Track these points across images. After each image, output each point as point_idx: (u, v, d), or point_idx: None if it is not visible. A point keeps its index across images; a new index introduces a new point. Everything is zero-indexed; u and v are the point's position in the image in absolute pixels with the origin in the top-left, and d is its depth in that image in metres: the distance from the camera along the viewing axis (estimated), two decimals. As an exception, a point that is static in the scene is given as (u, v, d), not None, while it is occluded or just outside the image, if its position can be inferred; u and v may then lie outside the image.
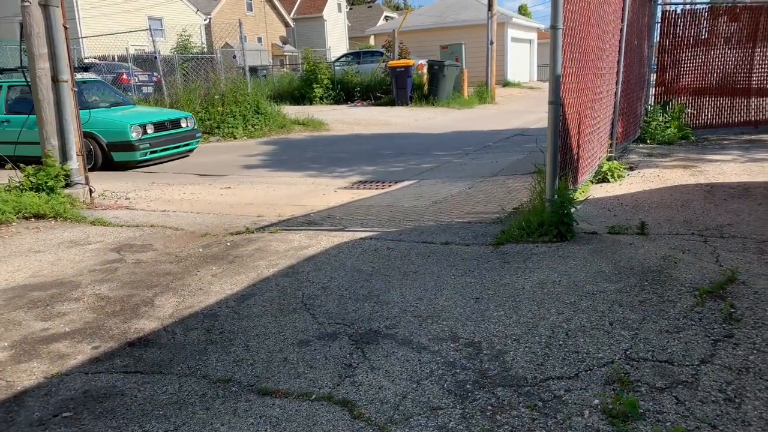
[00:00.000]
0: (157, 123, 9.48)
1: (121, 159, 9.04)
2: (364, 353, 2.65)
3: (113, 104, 10.51)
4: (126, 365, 2.69)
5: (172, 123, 9.80)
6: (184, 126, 10.04)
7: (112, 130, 9.06)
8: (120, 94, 11.29)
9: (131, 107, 10.74)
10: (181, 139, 9.87)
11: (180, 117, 10.13)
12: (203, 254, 4.37)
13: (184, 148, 10.07)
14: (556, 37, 4.00)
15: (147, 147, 9.09)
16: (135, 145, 8.94)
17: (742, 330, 2.60)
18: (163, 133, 9.48)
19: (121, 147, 8.97)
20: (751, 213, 4.57)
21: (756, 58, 9.63)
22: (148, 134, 9.20)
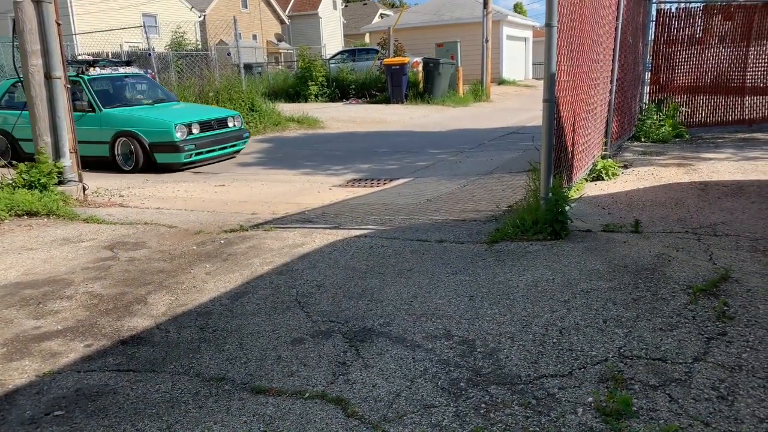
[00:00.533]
0: (203, 122, 8.76)
1: (164, 161, 8.40)
2: (358, 351, 2.64)
3: (157, 101, 9.85)
4: (119, 363, 2.68)
5: (218, 122, 9.06)
6: (231, 125, 9.28)
7: (154, 129, 8.41)
8: (164, 90, 10.62)
9: (175, 104, 10.06)
10: (228, 140, 9.10)
11: (227, 116, 9.37)
12: (197, 252, 4.35)
13: (230, 149, 9.29)
14: (551, 35, 4.00)
15: (192, 148, 8.41)
16: (179, 147, 8.24)
17: (735, 328, 2.61)
18: (209, 134, 8.77)
19: (164, 148, 8.32)
20: (744, 211, 4.58)
21: (750, 57, 9.66)
22: (193, 134, 8.50)
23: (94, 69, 9.25)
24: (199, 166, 8.76)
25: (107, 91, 9.31)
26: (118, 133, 8.51)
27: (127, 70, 10.02)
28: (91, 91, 8.83)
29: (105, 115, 8.71)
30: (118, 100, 9.26)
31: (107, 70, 9.51)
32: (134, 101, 9.61)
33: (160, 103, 9.85)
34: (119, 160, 8.65)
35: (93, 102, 8.75)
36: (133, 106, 9.24)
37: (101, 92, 9.08)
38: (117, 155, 8.63)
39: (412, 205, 5.70)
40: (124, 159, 8.64)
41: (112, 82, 9.63)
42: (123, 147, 8.60)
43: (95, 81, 9.07)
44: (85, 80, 8.91)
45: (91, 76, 9.07)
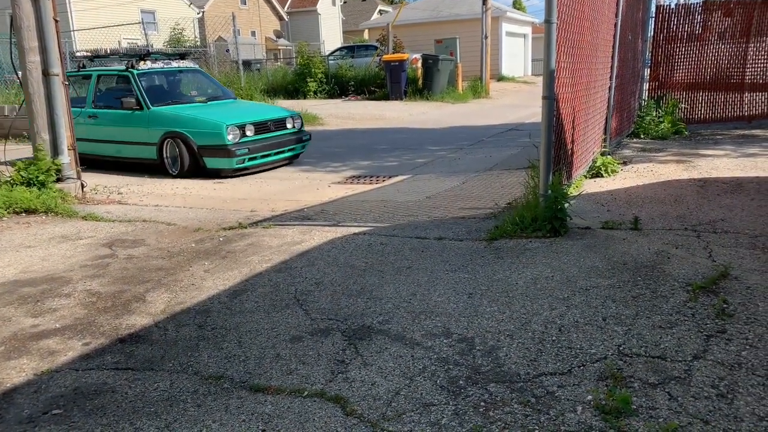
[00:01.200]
0: (259, 123, 7.83)
1: (214, 166, 7.55)
2: (357, 349, 2.64)
3: (210, 98, 8.90)
4: (117, 362, 2.67)
5: (275, 123, 8.09)
6: (289, 127, 8.27)
7: (204, 130, 7.52)
8: (220, 86, 9.60)
9: (230, 102, 9.09)
10: (285, 144, 8.09)
11: (285, 116, 8.34)
12: (196, 249, 4.34)
13: (288, 154, 8.25)
14: (550, 31, 3.98)
15: (245, 153, 7.50)
16: (231, 150, 7.37)
17: (734, 325, 2.61)
18: (264, 136, 7.83)
19: (214, 151, 7.47)
20: (743, 208, 4.58)
21: (749, 53, 9.65)
22: (247, 137, 7.59)
23: (145, 63, 8.45)
24: (253, 172, 7.82)
25: (158, 87, 8.59)
26: (166, 133, 7.71)
27: (181, 64, 9.11)
28: (139, 86, 8.07)
29: (153, 113, 7.93)
30: (169, 98, 8.48)
31: (159, 64, 8.69)
32: (186, 99, 8.74)
33: (215, 101, 8.92)
34: (167, 164, 7.84)
35: (141, 99, 7.99)
36: (184, 104, 8.37)
37: (151, 88, 8.34)
38: (165, 158, 7.83)
39: (411, 202, 5.70)
40: (173, 162, 7.81)
41: (163, 77, 8.85)
42: (171, 149, 7.79)
43: (145, 76, 8.33)
44: (133, 75, 8.16)
45: (141, 70, 8.30)
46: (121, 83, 8.45)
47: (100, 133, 8.42)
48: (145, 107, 7.95)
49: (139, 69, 8.26)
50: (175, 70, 8.97)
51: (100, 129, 8.40)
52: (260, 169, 7.89)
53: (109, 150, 8.42)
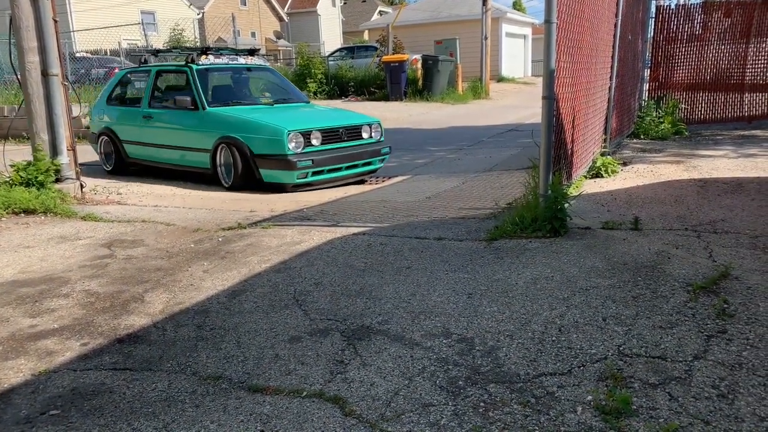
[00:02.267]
0: (327, 131, 6.65)
1: (272, 179, 6.46)
2: (356, 349, 2.63)
3: (279, 100, 7.87)
4: (115, 362, 2.66)
5: (349, 132, 6.90)
6: (366, 137, 7.05)
7: (261, 136, 6.45)
8: (292, 88, 8.59)
9: (301, 106, 7.96)
10: (359, 156, 6.86)
11: (361, 123, 7.11)
12: (195, 250, 4.33)
13: (362, 169, 7.00)
14: (550, 31, 3.98)
15: (308, 165, 6.34)
16: (291, 162, 6.22)
17: (735, 326, 2.60)
18: (334, 146, 6.67)
19: (272, 162, 6.37)
20: (744, 208, 4.57)
21: (749, 54, 9.65)
22: (312, 146, 6.44)
23: (206, 57, 7.53)
24: (316, 188, 6.65)
25: (218, 85, 7.70)
26: (221, 138, 6.71)
27: (248, 60, 8.10)
28: (196, 83, 7.14)
29: (208, 114, 6.98)
30: (230, 98, 7.53)
31: (223, 60, 7.77)
32: (250, 100, 7.76)
33: (283, 103, 7.88)
34: (221, 173, 6.86)
35: (197, 97, 7.06)
36: (245, 106, 7.35)
37: (210, 86, 7.44)
38: (219, 166, 6.84)
39: (410, 202, 5.69)
40: (227, 172, 6.81)
41: (226, 74, 7.96)
42: (225, 157, 6.78)
43: (205, 73, 7.40)
44: (192, 71, 7.27)
45: (201, 66, 7.38)
46: (180, 80, 7.70)
47: (154, 136, 7.59)
48: (200, 107, 7.04)
49: (198, 64, 7.39)
50: (240, 67, 8.01)
51: (154, 131, 7.58)
52: (328, 185, 6.72)
53: (162, 155, 7.57)
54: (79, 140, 12.81)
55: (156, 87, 7.83)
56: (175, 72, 7.78)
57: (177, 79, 7.87)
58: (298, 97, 8.27)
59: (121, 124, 8.05)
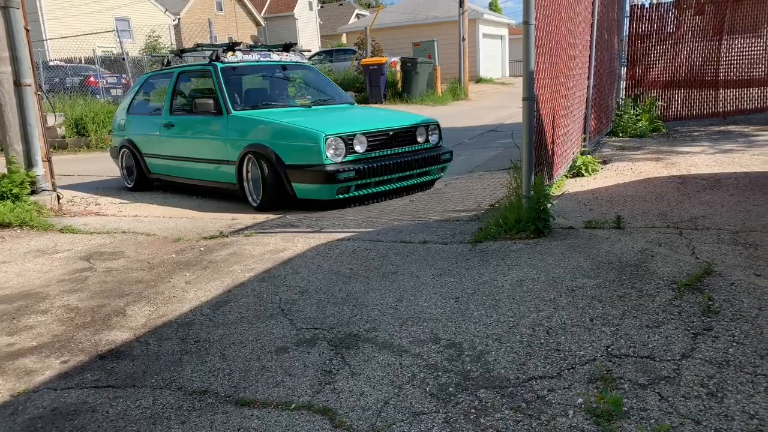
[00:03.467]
0: (374, 134, 5.60)
1: (307, 194, 5.46)
2: (344, 358, 2.59)
3: (317, 102, 6.86)
4: (97, 379, 2.60)
5: (400, 135, 5.82)
6: (420, 140, 6.01)
7: (292, 142, 5.42)
8: (334, 87, 7.38)
9: (344, 108, 6.83)
10: (414, 164, 5.83)
11: (415, 124, 6.03)
12: (176, 260, 4.26)
13: (418, 180, 6.03)
14: (529, 32, 3.99)
15: (352, 177, 5.30)
16: (330, 173, 5.21)
17: (720, 322, 2.61)
18: (383, 153, 5.65)
19: (306, 174, 5.33)
20: (723, 204, 4.62)
21: (723, 50, 9.80)
22: (356, 153, 5.44)
23: (233, 54, 6.57)
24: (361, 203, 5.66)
25: (246, 86, 6.76)
26: (248, 147, 5.69)
27: (283, 57, 7.06)
28: (221, 84, 6.17)
29: (233, 120, 5.98)
30: (260, 99, 6.56)
31: (252, 56, 6.77)
32: (283, 101, 6.73)
33: (322, 104, 6.81)
34: (247, 190, 5.87)
35: (221, 100, 6.09)
36: (276, 108, 6.33)
37: (237, 86, 6.48)
38: (246, 181, 5.85)
39: (394, 205, 5.66)
40: (255, 188, 5.82)
41: (257, 73, 7.03)
42: (254, 169, 5.77)
43: (232, 71, 6.45)
44: (216, 70, 6.30)
45: (227, 63, 6.44)
46: (205, 82, 6.79)
47: (176, 148, 6.68)
48: (224, 111, 6.05)
49: (224, 62, 6.44)
50: (273, 64, 6.96)
51: (176, 142, 6.69)
52: (375, 200, 5.77)
53: (184, 170, 6.66)
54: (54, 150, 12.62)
55: (178, 91, 6.92)
56: (198, 72, 6.83)
57: (201, 80, 6.96)
58: (341, 97, 7.14)
59: (141, 135, 7.23)
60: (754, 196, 4.80)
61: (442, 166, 6.19)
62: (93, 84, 16.95)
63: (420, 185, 6.11)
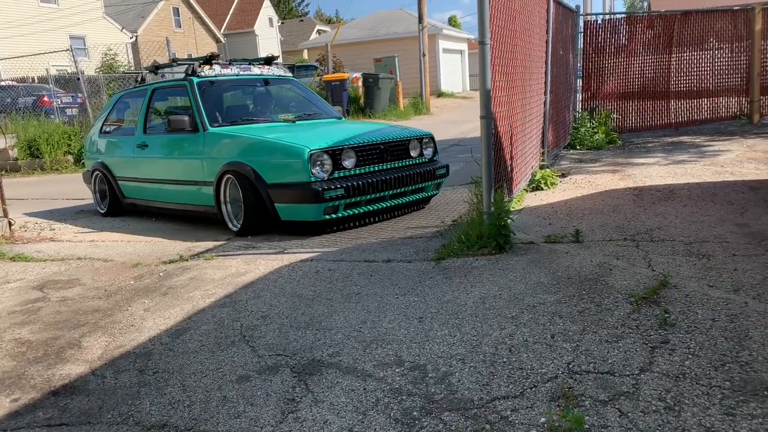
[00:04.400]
0: (364, 148, 5.23)
1: (291, 216, 5.09)
2: (308, 385, 2.56)
3: (302, 116, 6.43)
4: (50, 417, 2.50)
5: (392, 149, 5.48)
6: (415, 155, 5.69)
7: (275, 160, 5.07)
8: (320, 102, 7.09)
9: (330, 123, 6.44)
10: (408, 180, 5.47)
11: (409, 137, 5.71)
12: (135, 287, 4.16)
13: (412, 198, 5.68)
14: (485, 52, 4.05)
15: (340, 195, 4.93)
16: (316, 192, 4.82)
17: (676, 335, 2.67)
18: (373, 168, 5.29)
19: (290, 193, 4.97)
20: (677, 215, 4.75)
21: (673, 63, 10.15)
22: (344, 170, 5.09)
23: (211, 68, 6.22)
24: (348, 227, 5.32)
25: (226, 102, 6.39)
26: (226, 166, 5.33)
27: (264, 70, 6.73)
28: (197, 99, 5.82)
29: (209, 137, 5.61)
30: (240, 115, 6.21)
31: (232, 70, 6.43)
32: (265, 117, 6.34)
33: (307, 119, 6.40)
34: (226, 213, 5.51)
35: (197, 116, 5.73)
36: (257, 124, 5.99)
37: (214, 102, 6.07)
38: (224, 204, 5.50)
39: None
40: (234, 211, 5.50)
41: (236, 88, 6.67)
42: (233, 191, 5.41)
43: (209, 86, 6.09)
44: (193, 84, 5.95)
45: (204, 78, 6.09)
46: (180, 98, 6.51)
47: (150, 169, 6.32)
48: (201, 128, 5.68)
49: (201, 76, 6.10)
50: (254, 78, 6.59)
51: (150, 163, 6.31)
52: (365, 221, 5.41)
53: (160, 193, 6.30)
54: (6, 173, 12.23)
55: (152, 109, 6.58)
56: (174, 88, 6.49)
57: (177, 97, 6.69)
58: (327, 112, 6.76)
59: (114, 157, 6.89)
60: (706, 206, 4.95)
61: (438, 182, 5.90)
62: (47, 104, 16.53)
63: (415, 203, 5.80)
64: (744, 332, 2.63)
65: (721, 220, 4.50)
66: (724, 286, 3.18)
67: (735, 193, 5.36)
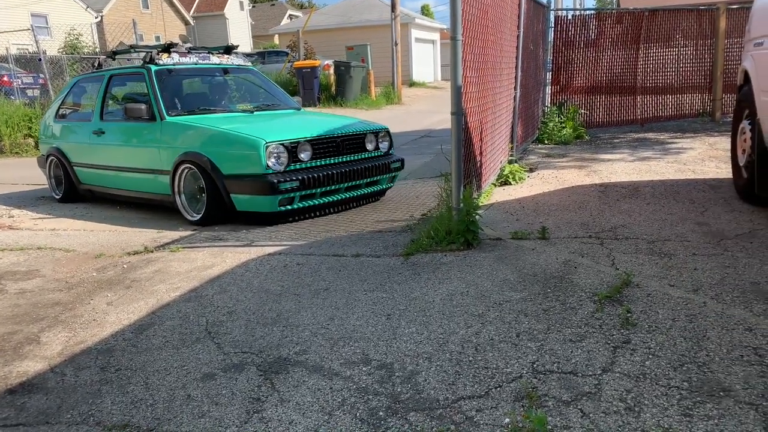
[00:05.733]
0: (320, 141, 5.37)
1: (247, 207, 5.20)
2: (273, 384, 2.54)
3: (261, 107, 6.55)
4: (5, 417, 2.43)
5: (348, 142, 5.64)
6: (370, 148, 5.89)
7: (231, 151, 5.17)
8: (279, 92, 7.17)
9: (289, 114, 6.55)
10: (363, 173, 5.63)
11: (364, 131, 5.89)
12: (97, 279, 4.07)
13: (367, 190, 5.84)
14: (456, 48, 4.04)
15: (295, 187, 5.04)
16: (272, 183, 4.93)
17: (638, 335, 2.73)
18: (329, 161, 5.45)
19: (246, 184, 5.07)
20: (641, 213, 4.84)
21: (640, 59, 10.32)
22: (300, 162, 5.21)
23: (169, 56, 6.23)
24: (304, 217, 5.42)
25: (183, 90, 6.46)
26: (183, 155, 5.41)
27: (224, 59, 6.75)
28: (154, 87, 5.86)
29: (166, 126, 5.69)
30: (197, 104, 6.27)
31: (190, 59, 6.43)
32: (223, 107, 6.46)
33: (266, 110, 6.52)
34: (181, 203, 5.62)
35: (154, 105, 5.79)
36: (215, 114, 6.04)
37: (172, 91, 6.13)
38: (178, 194, 5.60)
39: (327, 215, 5.62)
40: (190, 201, 5.60)
41: (195, 77, 6.75)
42: (188, 181, 5.54)
43: (167, 74, 6.13)
44: (150, 72, 5.99)
45: (162, 66, 6.12)
46: (138, 86, 6.42)
47: (106, 156, 6.36)
48: (158, 116, 5.74)
49: (159, 64, 6.13)
50: (214, 67, 6.65)
51: (106, 150, 6.36)
52: (320, 212, 5.52)
53: (117, 181, 6.32)
54: (-37, 156, 11.82)
55: (109, 96, 6.59)
56: (131, 75, 6.51)
57: (134, 84, 6.57)
58: (287, 102, 6.93)
59: (70, 143, 6.90)
60: (669, 204, 5.07)
61: (393, 176, 6.08)
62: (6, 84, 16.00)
63: (369, 195, 5.94)
64: (702, 332, 2.70)
65: (682, 218, 4.61)
66: (684, 285, 3.26)
67: (696, 191, 5.49)
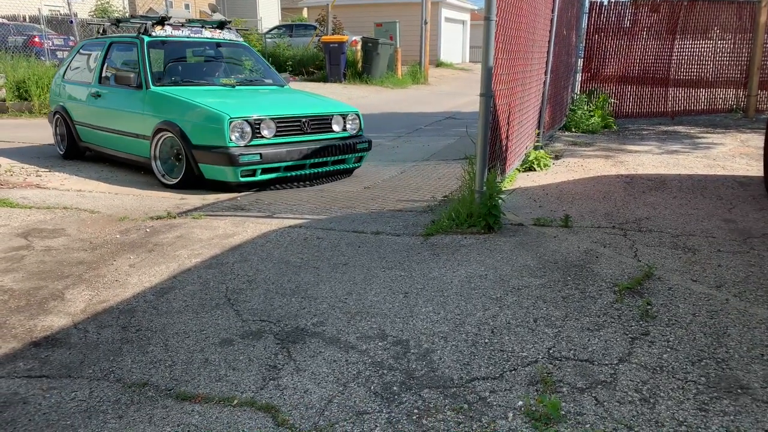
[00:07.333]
0: (284, 120, 5.72)
1: (212, 175, 5.57)
2: (290, 353, 2.57)
3: (244, 82, 6.98)
4: (30, 369, 2.50)
5: (314, 122, 5.95)
6: (337, 129, 6.14)
7: (199, 122, 5.54)
8: (267, 68, 7.50)
9: (271, 90, 6.94)
10: (328, 152, 5.95)
11: (331, 113, 6.17)
12: (120, 241, 4.13)
13: (334, 167, 6.16)
14: (489, 28, 3.99)
15: (256, 161, 5.42)
16: (233, 156, 5.30)
17: (657, 327, 2.71)
18: (293, 139, 5.75)
19: (212, 155, 5.43)
20: (666, 206, 4.78)
21: (675, 50, 10.09)
22: (262, 138, 5.53)
23: (162, 28, 6.58)
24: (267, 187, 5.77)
25: (173, 63, 6.77)
26: (160, 124, 5.84)
27: (216, 34, 7.07)
28: (144, 58, 6.26)
29: (150, 95, 6.09)
30: (183, 76, 6.64)
31: (183, 32, 6.78)
32: (208, 80, 6.79)
33: (249, 85, 6.97)
34: (156, 168, 6.03)
35: (141, 74, 6.19)
36: (197, 86, 6.42)
37: (163, 63, 6.63)
38: (154, 159, 6.02)
39: (348, 192, 5.63)
40: (165, 166, 6.01)
41: (185, 49, 7.01)
42: (164, 147, 5.95)
43: (159, 46, 6.58)
44: (143, 42, 6.37)
45: (155, 38, 6.50)
46: (132, 55, 6.71)
47: (101, 118, 6.79)
48: (144, 85, 6.16)
49: (152, 36, 6.48)
50: (205, 41, 7.01)
51: (102, 112, 6.77)
52: (283, 185, 5.87)
53: (109, 141, 6.79)
54: (-7, 114, 11.99)
55: (108, 61, 6.95)
56: (127, 44, 6.80)
57: (129, 53, 6.86)
58: (272, 79, 7.25)
59: (73, 102, 7.30)
60: (696, 199, 4.99)
61: (359, 155, 6.38)
62: (38, 45, 16.12)
63: (336, 172, 6.28)
64: (723, 329, 2.68)
65: (709, 214, 4.53)
66: (707, 281, 3.22)
67: (725, 187, 5.39)
